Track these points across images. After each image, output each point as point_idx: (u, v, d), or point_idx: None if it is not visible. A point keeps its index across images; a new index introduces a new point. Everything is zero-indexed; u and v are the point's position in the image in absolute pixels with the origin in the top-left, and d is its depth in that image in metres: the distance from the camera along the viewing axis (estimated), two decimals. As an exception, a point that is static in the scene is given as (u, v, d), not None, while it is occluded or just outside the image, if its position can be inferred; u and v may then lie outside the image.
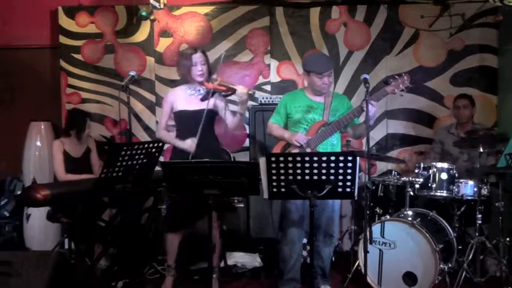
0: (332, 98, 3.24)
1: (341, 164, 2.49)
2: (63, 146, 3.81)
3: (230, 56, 4.61)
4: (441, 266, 3.15)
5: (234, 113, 3.34)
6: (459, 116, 4.03)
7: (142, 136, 4.64)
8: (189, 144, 3.20)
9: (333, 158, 2.48)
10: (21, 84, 4.81)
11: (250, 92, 3.21)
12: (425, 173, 3.51)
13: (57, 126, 4.59)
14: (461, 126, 4.04)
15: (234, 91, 3.22)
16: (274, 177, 2.57)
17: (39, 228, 4.22)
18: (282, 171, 2.54)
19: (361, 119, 3.23)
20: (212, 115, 3.32)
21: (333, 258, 3.72)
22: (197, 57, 3.26)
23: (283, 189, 2.60)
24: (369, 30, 4.56)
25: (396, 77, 3.08)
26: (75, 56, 4.65)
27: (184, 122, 3.30)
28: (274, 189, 2.61)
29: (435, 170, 3.51)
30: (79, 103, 4.61)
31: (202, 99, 3.28)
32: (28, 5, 4.74)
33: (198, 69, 3.26)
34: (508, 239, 3.41)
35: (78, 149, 3.90)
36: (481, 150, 3.39)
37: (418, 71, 4.49)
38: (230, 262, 3.84)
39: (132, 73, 3.19)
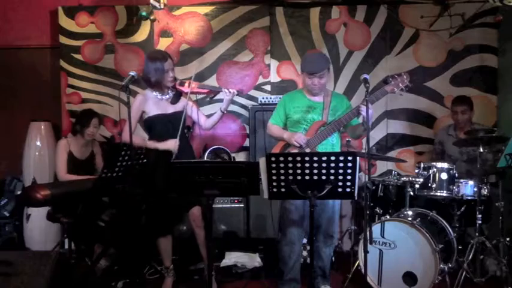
0: (331, 98, 3.24)
1: (341, 164, 2.49)
2: (69, 147, 3.82)
3: (230, 56, 4.62)
4: (441, 266, 3.15)
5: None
6: (457, 120, 4.02)
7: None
8: (172, 144, 3.17)
9: (333, 158, 2.48)
10: (21, 84, 4.81)
11: (237, 92, 3.22)
12: (425, 173, 3.51)
13: (57, 126, 4.60)
14: (460, 128, 4.04)
15: (217, 92, 3.22)
16: (274, 177, 2.57)
17: (39, 228, 4.22)
18: (282, 171, 2.54)
19: (361, 119, 3.21)
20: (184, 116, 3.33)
21: (333, 258, 3.72)
22: (168, 64, 3.25)
23: (283, 189, 2.60)
24: (369, 30, 4.56)
25: (396, 76, 3.08)
26: (75, 56, 4.65)
27: (159, 127, 3.27)
28: (274, 189, 2.61)
29: (435, 170, 3.50)
30: (79, 103, 4.61)
31: (173, 102, 3.29)
32: (28, 5, 4.74)
33: (170, 76, 3.26)
34: (508, 239, 3.41)
35: (83, 152, 3.91)
36: (481, 150, 3.39)
37: (418, 71, 4.49)
38: (230, 262, 3.84)
39: (132, 73, 3.18)
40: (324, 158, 2.48)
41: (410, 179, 3.48)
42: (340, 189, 2.57)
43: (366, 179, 2.98)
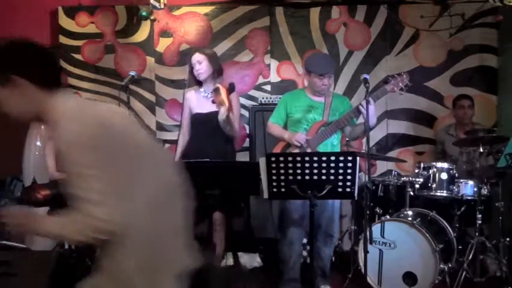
0: (332, 98, 3.24)
1: (341, 164, 2.50)
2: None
3: (230, 56, 4.61)
4: (441, 266, 3.15)
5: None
6: (463, 116, 4.01)
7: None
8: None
9: (333, 158, 2.49)
10: (21, 84, 4.80)
11: (225, 115, 3.07)
12: (425, 173, 3.51)
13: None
14: (461, 127, 4.04)
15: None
16: (274, 177, 2.57)
17: (39, 228, 4.22)
18: (282, 171, 2.54)
19: (361, 119, 3.22)
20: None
21: (333, 258, 3.72)
22: (194, 58, 3.26)
23: (283, 189, 2.60)
24: (369, 30, 4.56)
25: (396, 75, 3.10)
26: (75, 56, 4.65)
27: (198, 124, 3.28)
28: (274, 189, 2.61)
29: (435, 170, 3.51)
30: (79, 103, 4.60)
31: (214, 101, 3.22)
32: (28, 5, 4.73)
33: (196, 69, 3.26)
34: (508, 239, 3.41)
35: None
36: (481, 150, 3.39)
37: (418, 71, 4.48)
38: (230, 262, 3.83)
39: (132, 73, 3.19)
40: (324, 158, 2.49)
41: (410, 179, 3.48)
42: (340, 189, 2.58)
43: (366, 179, 2.98)
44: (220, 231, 3.23)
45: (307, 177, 2.54)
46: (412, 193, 3.47)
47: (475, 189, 3.45)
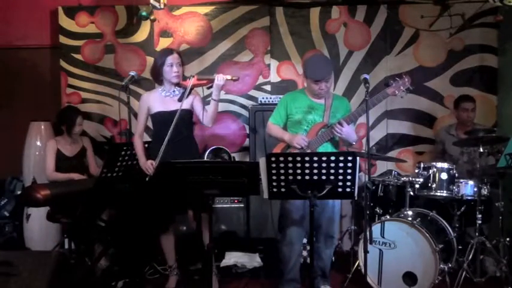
0: (332, 100, 3.23)
1: (341, 164, 2.49)
2: (56, 145, 3.87)
3: (230, 56, 4.61)
4: (441, 266, 3.16)
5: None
6: (466, 118, 4.00)
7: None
8: (148, 165, 3.14)
9: (333, 158, 2.49)
10: (21, 84, 4.81)
11: (233, 78, 3.15)
12: (425, 173, 3.51)
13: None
14: (461, 127, 4.04)
15: (213, 80, 3.14)
16: (274, 177, 2.57)
17: (39, 228, 4.22)
18: (282, 171, 2.54)
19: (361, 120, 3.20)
20: (188, 115, 3.26)
21: (333, 258, 3.72)
22: (174, 57, 3.22)
23: (283, 189, 2.60)
24: (369, 30, 4.56)
25: (397, 78, 3.07)
26: (75, 56, 4.65)
27: (161, 123, 3.22)
28: (274, 189, 2.61)
29: (435, 170, 3.51)
30: (79, 103, 4.61)
31: (180, 100, 3.20)
32: (28, 5, 4.74)
33: (174, 70, 3.20)
34: (508, 239, 3.42)
35: (73, 148, 3.95)
36: (481, 150, 3.39)
37: (418, 71, 4.49)
38: (230, 262, 3.84)
39: (132, 73, 3.19)
40: (324, 158, 2.49)
41: (410, 179, 3.48)
42: (340, 189, 2.57)
43: (366, 179, 2.98)
44: (205, 230, 3.22)
45: (307, 177, 2.53)
46: (412, 193, 3.48)
47: (475, 189, 3.46)
